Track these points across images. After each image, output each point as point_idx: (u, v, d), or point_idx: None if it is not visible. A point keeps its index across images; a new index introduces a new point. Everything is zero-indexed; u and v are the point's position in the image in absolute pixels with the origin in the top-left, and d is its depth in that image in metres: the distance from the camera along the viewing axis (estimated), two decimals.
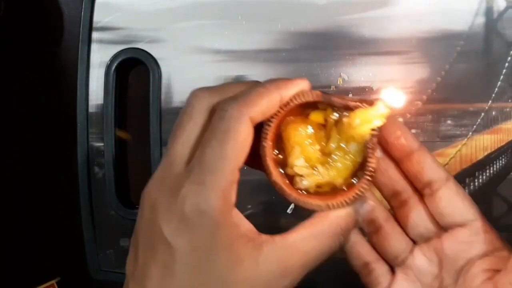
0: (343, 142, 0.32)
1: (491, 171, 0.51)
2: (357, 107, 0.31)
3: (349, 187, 0.32)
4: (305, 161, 0.32)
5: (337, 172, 0.32)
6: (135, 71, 0.56)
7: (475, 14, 0.51)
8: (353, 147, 0.32)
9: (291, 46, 0.53)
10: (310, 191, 0.32)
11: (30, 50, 0.61)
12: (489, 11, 0.51)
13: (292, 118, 0.32)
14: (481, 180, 0.51)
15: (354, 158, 0.32)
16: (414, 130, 0.52)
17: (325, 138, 0.32)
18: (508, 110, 0.50)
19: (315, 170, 0.32)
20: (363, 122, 0.31)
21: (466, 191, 0.51)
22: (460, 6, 0.51)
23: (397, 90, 0.31)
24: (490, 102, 0.50)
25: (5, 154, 0.62)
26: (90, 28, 0.55)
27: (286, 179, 0.32)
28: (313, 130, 0.32)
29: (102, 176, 0.56)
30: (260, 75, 0.53)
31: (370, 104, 0.31)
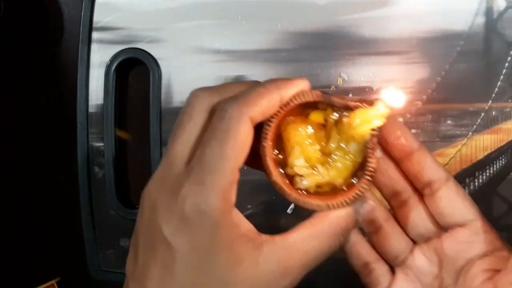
0: (343, 142, 0.32)
1: (491, 171, 0.51)
2: (357, 107, 0.31)
3: (349, 187, 0.32)
4: (305, 161, 0.32)
5: (337, 172, 0.32)
6: (135, 71, 0.56)
7: (475, 14, 0.51)
8: (353, 147, 0.32)
9: (291, 46, 0.53)
10: (310, 191, 0.32)
11: (30, 50, 0.61)
12: (489, 11, 0.51)
13: (292, 118, 0.32)
14: (481, 180, 0.51)
15: (354, 158, 0.32)
16: (414, 130, 0.51)
17: (325, 138, 0.32)
18: (508, 110, 0.50)
19: (315, 170, 0.32)
20: (363, 122, 0.31)
21: (466, 191, 0.51)
22: (460, 6, 0.51)
23: (397, 90, 0.31)
24: (490, 102, 0.50)
25: (5, 154, 0.61)
26: (90, 28, 0.55)
27: (286, 179, 0.32)
28: (313, 130, 0.32)
29: (102, 176, 0.56)
30: (260, 75, 0.53)
31: (370, 104, 0.31)
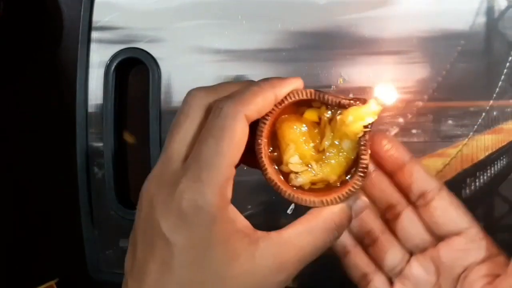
0: (337, 139, 0.32)
1: (492, 171, 0.51)
2: (350, 105, 0.32)
3: (342, 184, 0.33)
4: (299, 158, 0.33)
5: (330, 169, 0.32)
6: (135, 71, 0.56)
7: (476, 13, 0.50)
8: (346, 144, 0.32)
9: (291, 46, 0.53)
10: (305, 188, 0.33)
11: (30, 50, 0.61)
12: (490, 11, 0.50)
13: (286, 116, 0.33)
14: (482, 180, 0.51)
15: (348, 155, 0.32)
16: (415, 130, 0.51)
17: (319, 136, 0.33)
18: (509, 110, 0.50)
19: (310, 167, 0.33)
20: (356, 120, 0.31)
21: (467, 192, 0.51)
22: (461, 5, 0.51)
23: (388, 87, 0.32)
24: (491, 102, 0.50)
25: (5, 154, 0.62)
26: (90, 27, 0.54)
27: (281, 176, 0.33)
28: (307, 128, 0.33)
29: (101, 176, 0.56)
30: (260, 75, 0.52)
31: (363, 102, 0.32)
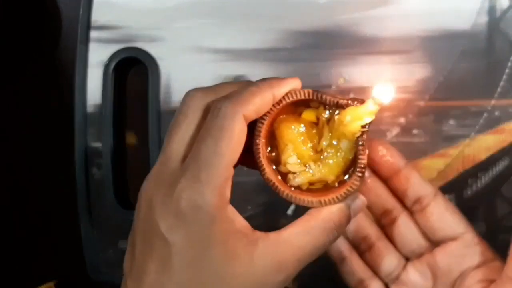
0: (335, 139, 0.33)
1: (494, 172, 0.51)
2: (347, 105, 0.32)
3: (341, 184, 0.33)
4: (297, 158, 0.33)
5: (328, 169, 0.33)
6: (134, 71, 0.56)
7: (478, 13, 0.50)
8: (344, 145, 0.32)
9: (292, 45, 0.53)
10: (303, 188, 0.33)
11: (29, 49, 0.61)
12: (492, 10, 0.50)
13: (285, 116, 0.33)
14: (484, 180, 0.51)
15: (346, 155, 0.32)
16: (416, 130, 0.51)
17: (317, 136, 0.33)
18: (511, 110, 0.50)
19: (308, 167, 0.33)
20: (354, 120, 0.31)
21: (469, 192, 0.51)
22: (463, 5, 0.50)
23: (386, 86, 0.32)
24: (493, 101, 0.50)
25: (5, 154, 0.61)
26: (88, 27, 0.54)
27: (279, 176, 0.33)
28: (305, 128, 0.33)
29: (100, 176, 0.56)
30: (260, 75, 0.52)
31: (360, 102, 0.32)
